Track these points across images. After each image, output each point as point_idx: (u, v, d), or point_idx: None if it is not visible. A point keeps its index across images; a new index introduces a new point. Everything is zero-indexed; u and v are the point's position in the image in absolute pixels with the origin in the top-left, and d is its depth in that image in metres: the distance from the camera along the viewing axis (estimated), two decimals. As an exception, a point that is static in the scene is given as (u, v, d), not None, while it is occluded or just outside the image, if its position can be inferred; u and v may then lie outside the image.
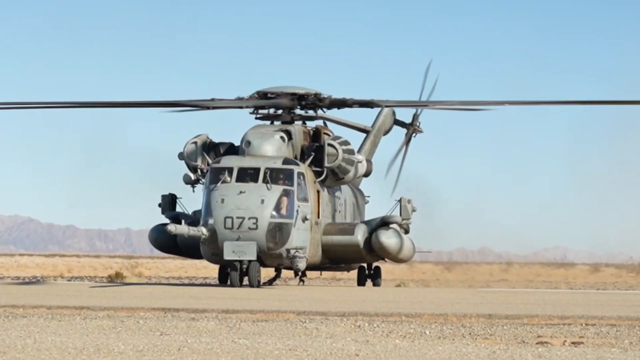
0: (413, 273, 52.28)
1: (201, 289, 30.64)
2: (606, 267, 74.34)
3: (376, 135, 40.62)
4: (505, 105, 37.99)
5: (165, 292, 25.95)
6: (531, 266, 69.37)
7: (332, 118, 37.97)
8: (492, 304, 20.35)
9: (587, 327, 14.14)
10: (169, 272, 61.51)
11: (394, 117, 41.47)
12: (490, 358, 10.30)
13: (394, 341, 12.29)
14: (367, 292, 28.88)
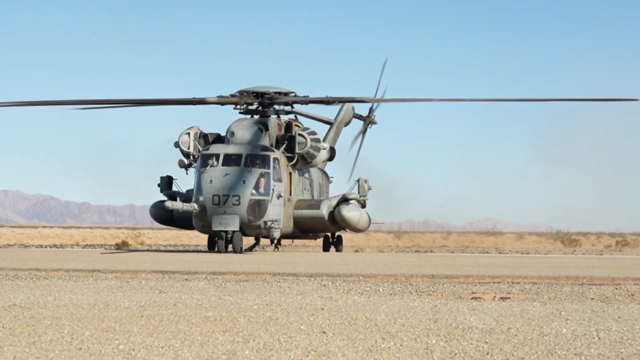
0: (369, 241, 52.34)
1: (193, 254, 30.55)
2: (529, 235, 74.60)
3: (338, 126, 41.00)
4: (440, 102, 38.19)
5: (163, 258, 25.88)
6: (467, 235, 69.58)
7: (301, 112, 38.32)
8: (435, 266, 20.36)
9: (513, 285, 14.18)
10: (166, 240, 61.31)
11: (353, 112, 41.76)
12: (432, 311, 10.30)
13: (353, 297, 12.29)
14: (331, 257, 28.88)
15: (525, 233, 78.89)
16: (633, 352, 7.12)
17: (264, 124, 34.70)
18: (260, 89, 36.06)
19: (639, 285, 14.18)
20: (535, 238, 70.16)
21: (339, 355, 6.76)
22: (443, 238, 62.65)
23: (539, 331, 8.41)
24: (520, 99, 38.93)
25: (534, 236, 72.66)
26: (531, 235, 73.91)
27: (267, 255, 30.83)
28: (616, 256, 35.19)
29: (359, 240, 49.61)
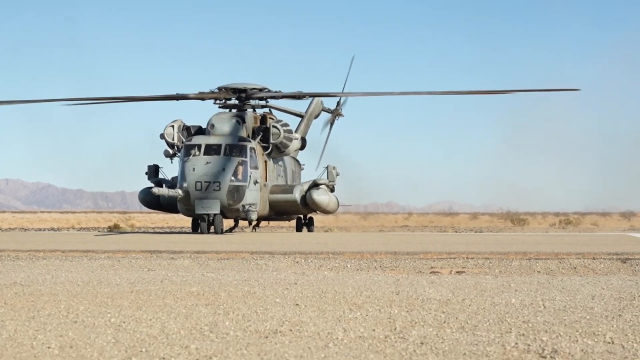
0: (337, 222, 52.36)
1: (178, 235, 30.51)
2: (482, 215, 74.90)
3: (309, 118, 41.18)
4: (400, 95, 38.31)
5: (151, 239, 25.82)
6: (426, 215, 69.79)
7: (275, 106, 38.54)
8: (397, 243, 20.42)
9: (467, 260, 14.23)
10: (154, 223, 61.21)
11: (322, 105, 41.92)
12: (395, 284, 10.33)
13: (324, 273, 12.31)
14: (303, 236, 28.90)
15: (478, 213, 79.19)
16: (575, 319, 7.17)
17: (241, 117, 34.86)
18: (238, 86, 36.27)
19: (580, 259, 14.27)
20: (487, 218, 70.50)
21: (310, 325, 6.78)
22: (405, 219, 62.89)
23: (490, 301, 8.46)
24: (473, 92, 39.03)
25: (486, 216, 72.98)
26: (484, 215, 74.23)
27: (246, 235, 30.83)
28: (560, 233, 35.39)
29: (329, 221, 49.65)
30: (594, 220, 64.62)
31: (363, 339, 6.10)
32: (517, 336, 6.24)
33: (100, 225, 52.91)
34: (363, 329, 6.57)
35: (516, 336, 6.24)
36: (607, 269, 12.85)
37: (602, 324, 6.87)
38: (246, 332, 6.44)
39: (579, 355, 5.46)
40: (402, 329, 6.61)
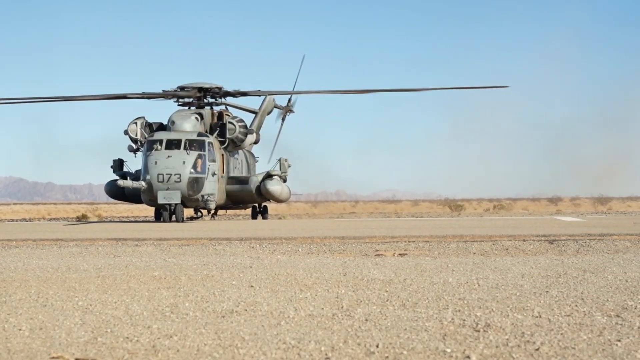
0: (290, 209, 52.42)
1: (142, 224, 30.31)
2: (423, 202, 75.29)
3: (262, 115, 41.27)
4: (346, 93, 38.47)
5: (117, 227, 25.63)
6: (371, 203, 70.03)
7: (231, 104, 38.64)
8: (345, 229, 20.47)
9: (409, 243, 14.29)
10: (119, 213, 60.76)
11: (274, 102, 41.98)
12: (342, 266, 10.36)
13: (277, 256, 12.31)
14: (258, 223, 28.87)
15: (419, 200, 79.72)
16: (506, 295, 7.24)
17: (199, 114, 34.90)
18: (197, 85, 36.40)
19: (512, 241, 14.39)
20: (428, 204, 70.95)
21: (264, 305, 6.77)
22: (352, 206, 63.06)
23: (429, 281, 8.51)
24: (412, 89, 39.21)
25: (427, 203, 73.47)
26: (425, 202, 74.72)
27: (205, 223, 30.71)
28: (493, 217, 35.68)
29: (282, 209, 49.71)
30: (525, 205, 65.27)
31: (312, 317, 6.12)
32: (453, 312, 6.28)
33: (69, 216, 52.41)
34: (312, 308, 6.58)
35: (453, 312, 6.28)
36: (536, 250, 12.98)
37: (531, 299, 6.94)
38: (204, 312, 6.43)
39: (509, 329, 5.52)
40: (349, 307, 6.63)
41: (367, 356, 4.69)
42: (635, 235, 15.60)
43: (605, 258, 11.32)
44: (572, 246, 13.43)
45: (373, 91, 40.05)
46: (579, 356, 4.61)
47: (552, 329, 5.47)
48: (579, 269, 9.70)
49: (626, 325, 5.60)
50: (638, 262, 10.48)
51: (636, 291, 7.44)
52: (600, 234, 15.92)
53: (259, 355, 4.74)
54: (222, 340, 5.19)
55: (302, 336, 5.31)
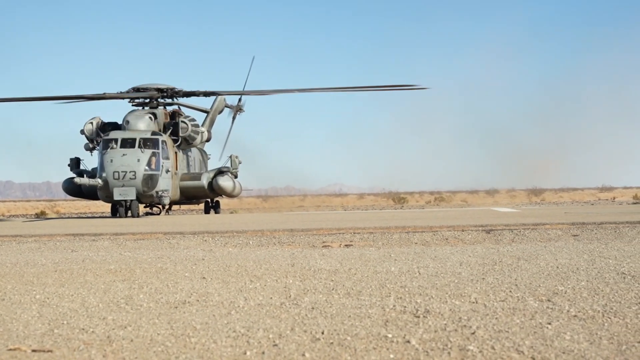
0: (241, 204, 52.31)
1: (99, 220, 30.03)
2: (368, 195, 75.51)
3: (213, 114, 41.20)
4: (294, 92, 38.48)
5: (75, 223, 25.35)
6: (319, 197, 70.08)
7: (183, 103, 38.47)
8: (293, 222, 20.47)
9: (355, 235, 14.34)
10: (77, 209, 60.12)
11: (225, 102, 41.91)
12: (290, 257, 10.36)
13: (228, 249, 12.27)
14: (211, 218, 28.75)
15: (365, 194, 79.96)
16: (445, 283, 7.31)
17: (153, 114, 34.79)
18: (150, 86, 36.28)
19: (451, 231, 14.50)
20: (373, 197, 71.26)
21: (215, 295, 6.76)
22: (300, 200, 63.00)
23: (373, 270, 8.55)
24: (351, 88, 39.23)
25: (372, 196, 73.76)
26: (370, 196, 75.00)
27: (160, 218, 30.52)
28: (434, 209, 35.92)
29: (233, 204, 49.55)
30: (464, 197, 65.74)
31: (261, 306, 6.12)
32: (395, 299, 6.32)
33: (28, 213, 51.75)
34: (262, 298, 6.58)
35: (394, 299, 6.32)
36: (474, 239, 13.10)
37: (468, 286, 7.01)
38: (158, 303, 6.39)
39: (447, 314, 5.57)
40: (296, 296, 6.64)
41: (313, 342, 4.70)
42: (566, 224, 15.82)
43: (538, 246, 11.46)
44: (507, 235, 13.58)
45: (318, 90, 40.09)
46: (512, 339, 4.67)
47: (487, 314, 5.53)
48: (513, 256, 9.80)
49: (556, 309, 5.68)
50: (568, 250, 10.62)
51: (566, 277, 7.54)
52: (533, 223, 16.11)
53: (209, 344, 4.73)
54: (174, 330, 5.17)
55: (251, 324, 5.31)
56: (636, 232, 13.86)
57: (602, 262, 8.85)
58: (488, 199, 60.43)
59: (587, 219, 17.95)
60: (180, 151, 35.49)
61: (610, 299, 6.10)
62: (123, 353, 4.53)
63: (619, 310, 5.57)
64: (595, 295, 6.31)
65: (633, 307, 5.70)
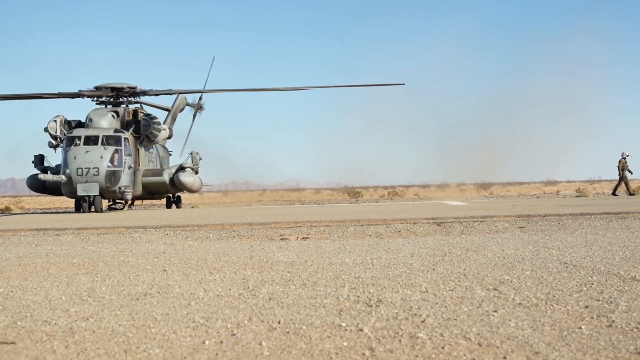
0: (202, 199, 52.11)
1: (63, 215, 29.72)
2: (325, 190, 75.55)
3: (174, 112, 41.04)
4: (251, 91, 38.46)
5: (39, 218, 25.05)
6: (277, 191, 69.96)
7: (145, 102, 38.26)
8: (252, 216, 20.44)
9: (311, 228, 14.35)
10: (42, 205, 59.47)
11: (186, 100, 41.74)
12: (249, 250, 10.34)
13: (189, 242, 12.21)
14: (172, 212, 28.58)
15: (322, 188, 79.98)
16: (397, 273, 7.34)
17: (115, 112, 34.57)
18: (112, 85, 36.06)
19: (404, 224, 14.57)
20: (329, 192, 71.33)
21: (175, 287, 6.72)
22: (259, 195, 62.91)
23: (328, 261, 8.56)
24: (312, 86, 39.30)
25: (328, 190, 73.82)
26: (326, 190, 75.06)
27: (122, 213, 30.27)
28: (388, 203, 36.08)
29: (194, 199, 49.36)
30: (416, 191, 66.11)
31: (220, 297, 6.10)
32: (349, 290, 6.34)
33: (-8, 209, 51.02)
34: (221, 289, 6.56)
35: (349, 290, 6.34)
36: (425, 231, 13.17)
37: (419, 276, 7.05)
38: (120, 295, 6.34)
39: (399, 303, 5.59)
40: (254, 287, 6.62)
41: (270, 331, 4.70)
42: (512, 216, 15.97)
43: (486, 237, 11.55)
44: (457, 227, 13.67)
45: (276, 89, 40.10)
46: (460, 326, 4.71)
47: (437, 303, 5.56)
48: (462, 247, 9.88)
49: (502, 297, 5.73)
50: (514, 241, 10.73)
51: (512, 267, 7.62)
52: (482, 216, 16.24)
53: (169, 334, 4.70)
54: (135, 321, 5.13)
55: (210, 315, 5.29)
56: (578, 224, 14.04)
57: (546, 253, 8.94)
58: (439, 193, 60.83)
59: (532, 211, 18.14)
60: (142, 148, 35.29)
61: (553, 287, 6.17)
62: (85, 344, 4.49)
63: (561, 298, 5.64)
64: (539, 284, 6.38)
65: (574, 294, 5.77)
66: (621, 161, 38.41)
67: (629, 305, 5.28)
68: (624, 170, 38.35)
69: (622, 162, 38.38)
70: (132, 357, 4.17)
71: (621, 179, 38.70)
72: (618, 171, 38.70)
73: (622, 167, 38.37)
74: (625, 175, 38.41)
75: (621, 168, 38.39)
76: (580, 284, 6.33)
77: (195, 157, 37.85)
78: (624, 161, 38.35)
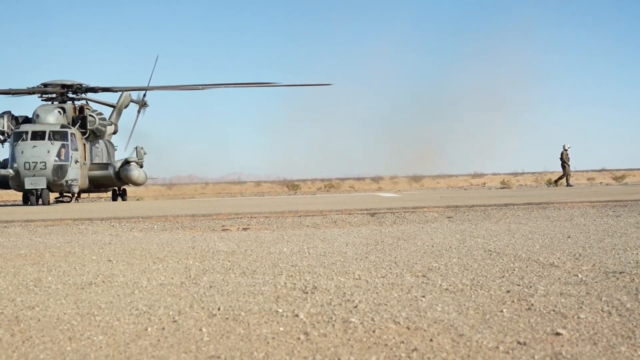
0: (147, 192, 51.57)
1: (11, 207, 29.14)
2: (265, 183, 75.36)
3: (119, 109, 40.65)
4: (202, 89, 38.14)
5: (-14, 212, 24.53)
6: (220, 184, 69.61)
7: (91, 99, 37.80)
8: (195, 208, 20.30)
9: (252, 219, 14.31)
10: (-11, 198, 58.18)
11: (130, 97, 41.37)
12: (192, 240, 10.29)
13: (134, 234, 12.09)
14: (118, 205, 28.23)
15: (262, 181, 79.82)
16: (332, 261, 7.37)
17: (62, 108, 34.06)
18: (59, 82, 35.54)
19: (339, 214, 14.61)
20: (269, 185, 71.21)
21: (120, 277, 6.65)
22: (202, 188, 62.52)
23: (267, 251, 8.56)
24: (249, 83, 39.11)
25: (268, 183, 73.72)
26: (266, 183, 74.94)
27: (70, 205, 29.81)
28: (324, 195, 36.16)
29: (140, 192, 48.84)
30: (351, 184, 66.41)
31: (163, 286, 6.05)
32: (286, 277, 6.35)
33: (-59, 202, 49.82)
34: (164, 278, 6.51)
35: (286, 277, 6.34)
36: (360, 222, 13.23)
37: (353, 264, 7.09)
38: (65, 285, 6.25)
39: (333, 290, 5.62)
40: (196, 276, 6.59)
41: (210, 318, 4.69)
42: (441, 207, 16.14)
43: (417, 227, 11.66)
44: (389, 218, 13.77)
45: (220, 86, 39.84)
46: (390, 311, 4.75)
47: (369, 289, 5.60)
48: (394, 237, 9.96)
49: (430, 283, 5.80)
50: (443, 230, 10.85)
51: (440, 254, 7.71)
52: (413, 207, 16.38)
53: (113, 321, 4.65)
54: (80, 310, 5.07)
55: (153, 303, 5.25)
56: (502, 214, 14.25)
57: (472, 241, 9.07)
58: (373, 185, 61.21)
59: (460, 202, 18.36)
60: (89, 143, 34.88)
61: (478, 273, 6.26)
62: (30, 332, 4.42)
63: (485, 283, 5.73)
64: (465, 270, 6.47)
65: (497, 280, 5.87)
66: (563, 153, 39.03)
67: (547, 289, 5.39)
68: (566, 161, 38.95)
69: (564, 154, 39.00)
70: (77, 344, 4.12)
71: (564, 169, 39.28)
72: (561, 162, 39.27)
73: (564, 158, 38.98)
74: (567, 166, 39.03)
75: (565, 159, 38.99)
76: (503, 270, 6.43)
77: (140, 152, 37.61)
78: (565, 153, 38.99)
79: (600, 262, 6.76)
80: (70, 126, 32.90)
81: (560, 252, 7.67)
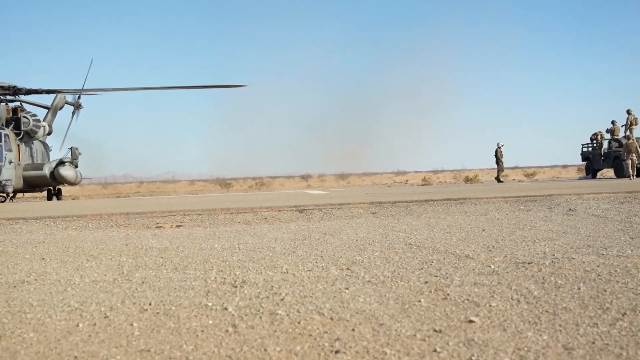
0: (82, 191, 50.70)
1: (-55, 208, 28.33)
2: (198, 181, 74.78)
3: (54, 110, 39.82)
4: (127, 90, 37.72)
5: None
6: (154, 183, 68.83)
7: (25, 100, 36.96)
8: (129, 206, 20.01)
9: (185, 217, 14.17)
10: None
11: (65, 99, 40.61)
12: (125, 238, 10.14)
13: (69, 232, 11.86)
14: (53, 204, 27.66)
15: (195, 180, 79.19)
16: (261, 256, 7.35)
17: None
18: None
19: (270, 211, 14.58)
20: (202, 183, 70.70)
21: (53, 274, 6.52)
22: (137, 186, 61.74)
23: (199, 247, 8.49)
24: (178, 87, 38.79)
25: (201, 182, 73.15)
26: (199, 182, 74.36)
27: (4, 206, 29.07)
28: (255, 193, 36.05)
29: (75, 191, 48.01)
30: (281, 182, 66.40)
31: (96, 283, 5.96)
32: (217, 272, 6.31)
33: None
34: (97, 275, 6.41)
35: (216, 272, 6.31)
36: (289, 218, 13.24)
37: (281, 259, 7.09)
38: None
39: (261, 284, 5.61)
40: (128, 272, 6.51)
41: (141, 313, 4.63)
42: (366, 203, 16.25)
43: (343, 222, 11.72)
44: (317, 214, 13.81)
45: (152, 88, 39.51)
46: (315, 303, 4.77)
47: (295, 282, 5.61)
48: (321, 232, 9.99)
49: (354, 276, 5.84)
50: (367, 225, 10.93)
51: (364, 248, 7.76)
52: (339, 203, 16.45)
53: (45, 319, 4.56)
54: (11, 307, 4.95)
55: (85, 299, 5.17)
56: (423, 209, 14.43)
57: (394, 235, 9.16)
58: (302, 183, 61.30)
59: (383, 198, 18.52)
60: (23, 144, 34.12)
61: (399, 266, 6.33)
62: (-38, 330, 4.30)
63: (405, 275, 5.79)
64: (386, 263, 6.53)
65: (416, 272, 5.94)
66: (497, 150, 39.60)
67: (462, 280, 5.48)
68: (500, 158, 39.51)
69: (498, 151, 39.58)
70: (7, 341, 4.02)
71: (498, 165, 39.82)
72: (495, 159, 39.82)
73: (498, 155, 39.56)
74: (501, 162, 39.61)
75: (499, 156, 39.56)
76: (422, 262, 6.52)
77: (74, 152, 36.96)
78: (499, 150, 39.57)
79: (511, 254, 6.91)
80: (4, 127, 32.17)
81: (475, 244, 7.81)
